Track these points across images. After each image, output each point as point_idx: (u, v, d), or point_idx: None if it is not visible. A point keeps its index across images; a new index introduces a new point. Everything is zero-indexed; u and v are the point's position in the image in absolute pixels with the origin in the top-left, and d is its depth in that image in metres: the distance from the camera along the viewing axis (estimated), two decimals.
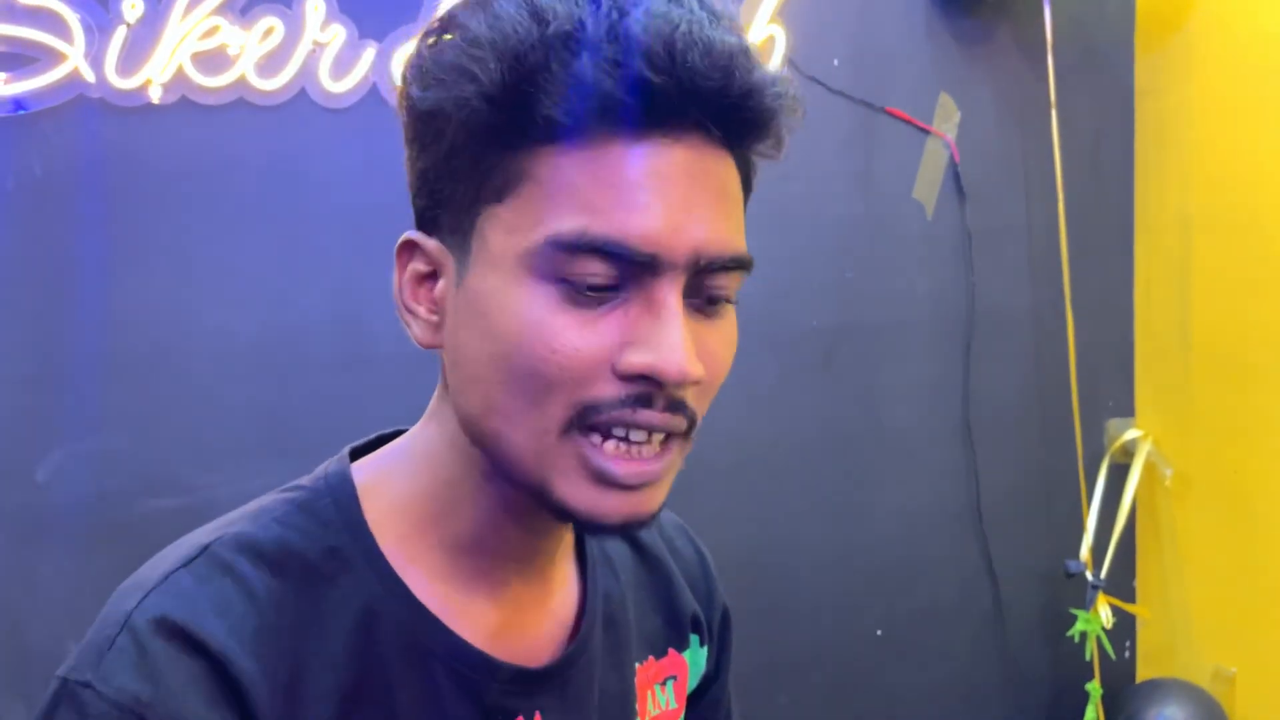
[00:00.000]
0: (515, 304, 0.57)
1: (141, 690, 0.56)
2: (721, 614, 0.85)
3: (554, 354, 0.56)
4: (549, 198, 0.56)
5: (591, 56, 0.54)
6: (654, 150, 0.56)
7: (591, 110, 0.55)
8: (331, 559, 0.63)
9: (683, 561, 0.83)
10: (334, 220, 1.74)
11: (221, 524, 0.64)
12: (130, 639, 0.57)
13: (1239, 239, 2.07)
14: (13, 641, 1.63)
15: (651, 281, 0.56)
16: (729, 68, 0.55)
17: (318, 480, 0.67)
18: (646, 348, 0.56)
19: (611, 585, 0.76)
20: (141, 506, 1.66)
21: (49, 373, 1.64)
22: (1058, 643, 2.19)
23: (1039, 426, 2.21)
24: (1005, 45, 2.12)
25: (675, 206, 0.56)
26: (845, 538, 2.11)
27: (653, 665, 0.78)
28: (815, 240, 2.05)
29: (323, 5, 1.69)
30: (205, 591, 0.60)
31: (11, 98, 1.59)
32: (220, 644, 0.58)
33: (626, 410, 0.56)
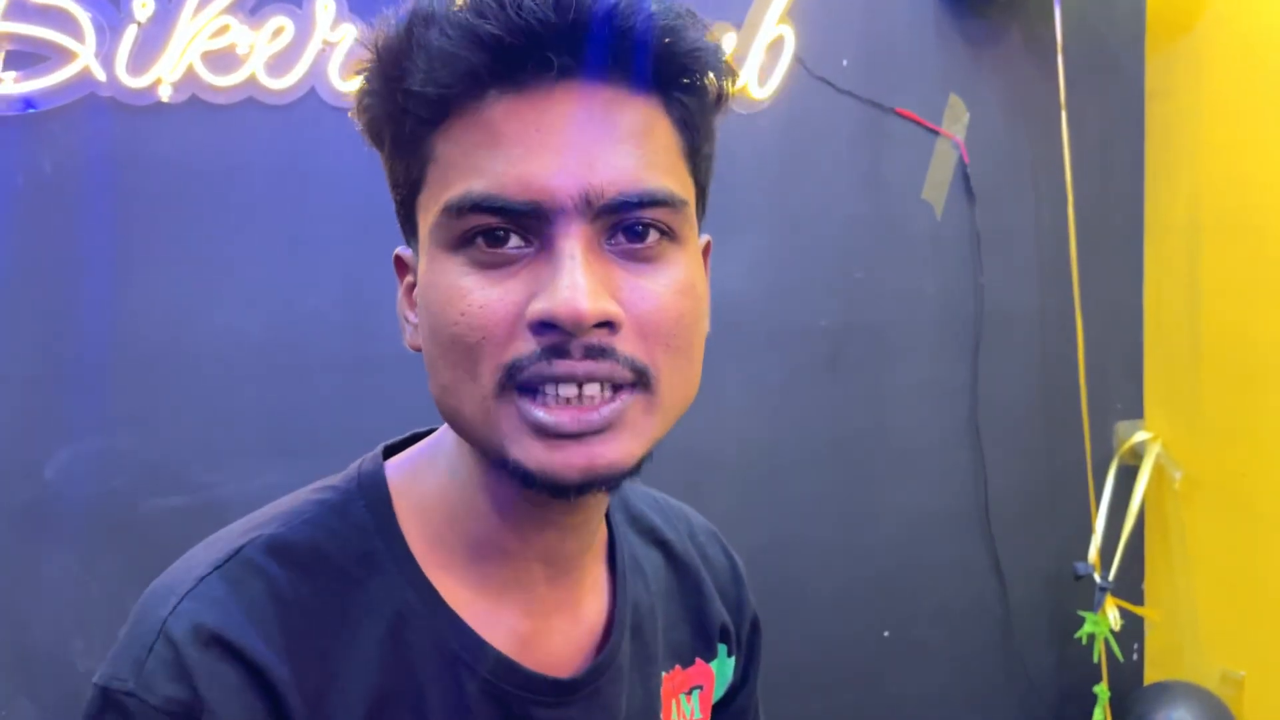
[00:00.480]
0: (433, 278, 0.59)
1: (188, 697, 0.57)
2: (751, 623, 0.85)
3: (463, 315, 0.56)
4: (446, 171, 0.58)
5: (439, 27, 0.56)
6: (527, 101, 0.56)
7: (450, 75, 0.56)
8: (363, 563, 0.63)
9: (714, 569, 0.83)
10: (342, 220, 1.73)
11: (253, 524, 0.64)
12: (168, 647, 0.58)
13: (1249, 242, 2.06)
14: (18, 639, 1.64)
15: (548, 231, 0.56)
16: (568, 4, 0.54)
17: (350, 480, 0.67)
18: (544, 295, 0.55)
19: (641, 594, 0.75)
20: (147, 505, 1.67)
21: (57, 371, 1.64)
22: (1065, 645, 2.18)
23: (1047, 428, 2.20)
24: (1015, 46, 2.11)
25: (557, 153, 0.55)
26: (852, 538, 2.10)
27: (679, 675, 0.77)
28: (824, 240, 2.04)
29: (333, 5, 1.69)
30: (238, 597, 0.60)
31: (21, 96, 1.59)
32: (255, 651, 0.59)
33: (543, 364, 0.56)
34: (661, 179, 0.58)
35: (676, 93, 0.60)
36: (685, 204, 0.59)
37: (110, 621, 1.63)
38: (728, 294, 1.94)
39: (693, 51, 0.58)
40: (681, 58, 0.58)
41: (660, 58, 0.58)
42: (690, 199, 0.61)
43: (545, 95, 0.56)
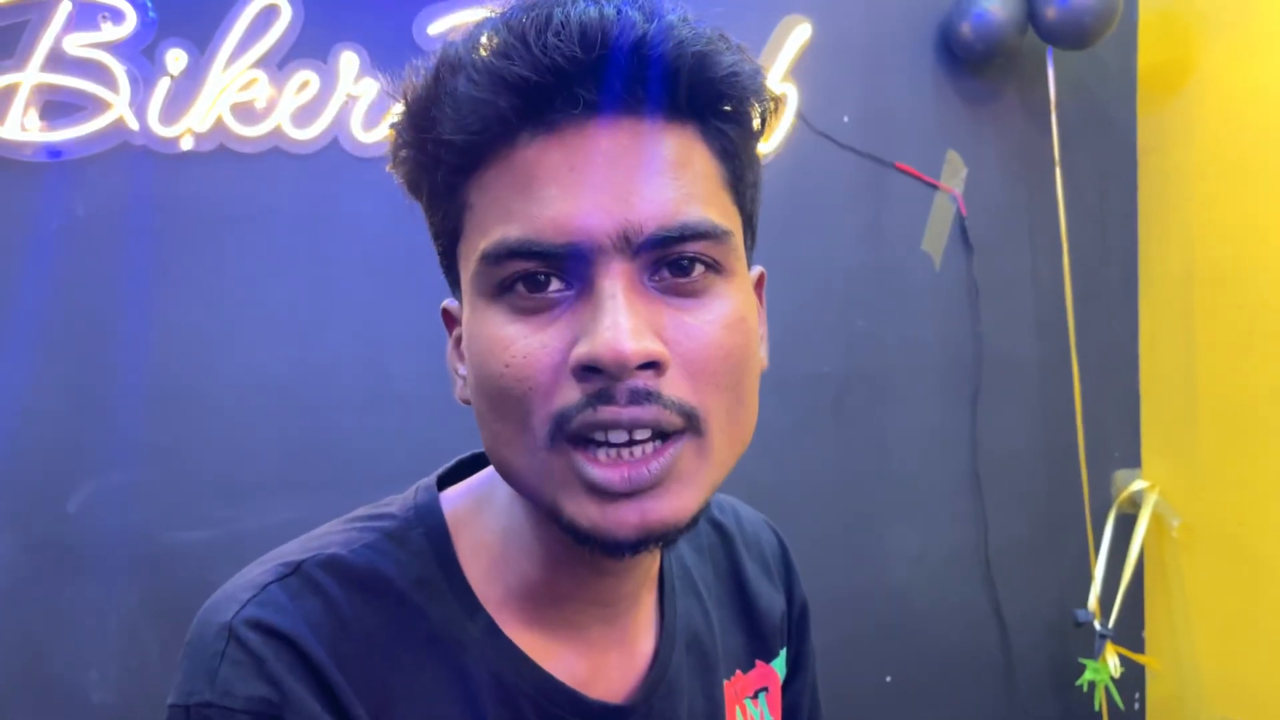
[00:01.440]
0: (477, 329, 0.57)
1: (270, 693, 0.56)
2: (800, 611, 0.84)
3: (508, 367, 0.54)
4: (482, 219, 0.56)
5: (465, 74, 0.54)
6: (559, 141, 0.54)
7: (479, 121, 0.54)
8: (422, 590, 0.62)
9: (760, 552, 0.82)
10: (362, 265, 1.77)
11: (311, 544, 0.63)
12: (239, 648, 0.57)
13: (1242, 292, 2.08)
14: (36, 669, 1.65)
15: (589, 273, 0.54)
16: (594, 39, 0.52)
17: (408, 509, 0.66)
18: (585, 338, 0.53)
19: (693, 606, 0.74)
20: (168, 539, 1.69)
21: (84, 406, 1.67)
22: (1067, 692, 2.18)
23: (1046, 475, 2.21)
24: (1011, 104, 2.15)
25: (592, 192, 0.53)
26: (854, 583, 2.10)
27: (740, 679, 0.76)
28: (826, 289, 2.07)
29: (356, 60, 1.75)
30: (298, 606, 0.59)
31: (46, 145, 1.64)
32: (317, 655, 0.58)
33: (589, 411, 0.53)
34: (702, 210, 0.55)
35: (714, 120, 0.57)
36: (729, 234, 0.57)
37: (127, 654, 1.66)
38: None
39: (727, 77, 0.56)
40: (716, 84, 0.56)
41: (693, 85, 0.55)
42: (735, 229, 0.58)
43: (577, 133, 0.54)
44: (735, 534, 0.81)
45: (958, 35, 2.03)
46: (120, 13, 1.64)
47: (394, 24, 1.77)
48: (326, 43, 1.75)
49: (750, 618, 0.78)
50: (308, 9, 1.73)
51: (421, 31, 1.77)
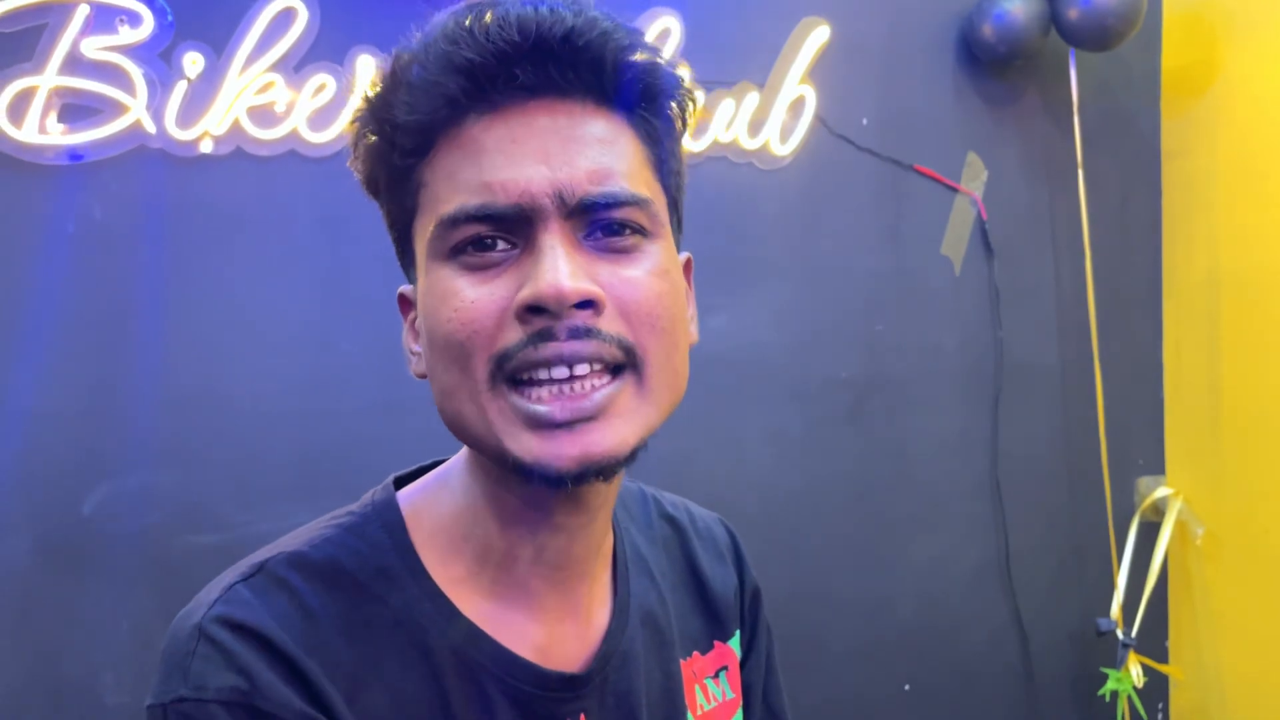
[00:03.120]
0: (430, 288, 0.63)
1: (240, 683, 0.60)
2: (752, 594, 0.88)
3: (455, 312, 0.61)
4: (437, 193, 0.62)
5: (419, 63, 0.61)
6: (502, 119, 0.61)
7: (431, 102, 0.61)
8: (381, 578, 0.66)
9: (713, 543, 0.87)
10: (376, 268, 1.75)
11: (274, 546, 0.68)
12: (209, 644, 0.61)
13: (1268, 298, 2.07)
14: (50, 671, 1.65)
15: (531, 231, 0.60)
16: (529, 29, 0.60)
17: (365, 506, 0.71)
18: (529, 283, 0.59)
19: (646, 587, 0.78)
20: (181, 542, 1.69)
21: (99, 409, 1.67)
22: (1089, 703, 2.17)
23: (1068, 483, 2.20)
24: (1032, 107, 2.15)
25: (532, 159, 0.60)
26: (873, 590, 2.10)
27: (699, 660, 0.80)
28: (845, 293, 2.07)
29: (373, 63, 1.74)
30: (264, 602, 0.63)
31: (67, 148, 1.64)
32: (285, 645, 0.62)
33: (530, 349, 0.59)
34: (626, 181, 0.62)
35: (639, 109, 0.64)
36: (651, 202, 0.63)
37: (140, 657, 1.66)
38: (751, 345, 1.98)
39: (647, 67, 0.64)
40: (637, 73, 0.63)
41: (616, 73, 0.62)
42: (657, 198, 0.65)
43: (519, 111, 0.61)
44: (688, 526, 0.86)
45: (979, 36, 2.03)
46: (138, 16, 1.64)
47: (408, 28, 1.75)
48: (343, 45, 1.74)
49: (706, 601, 0.83)
50: (324, 12, 1.73)
51: None
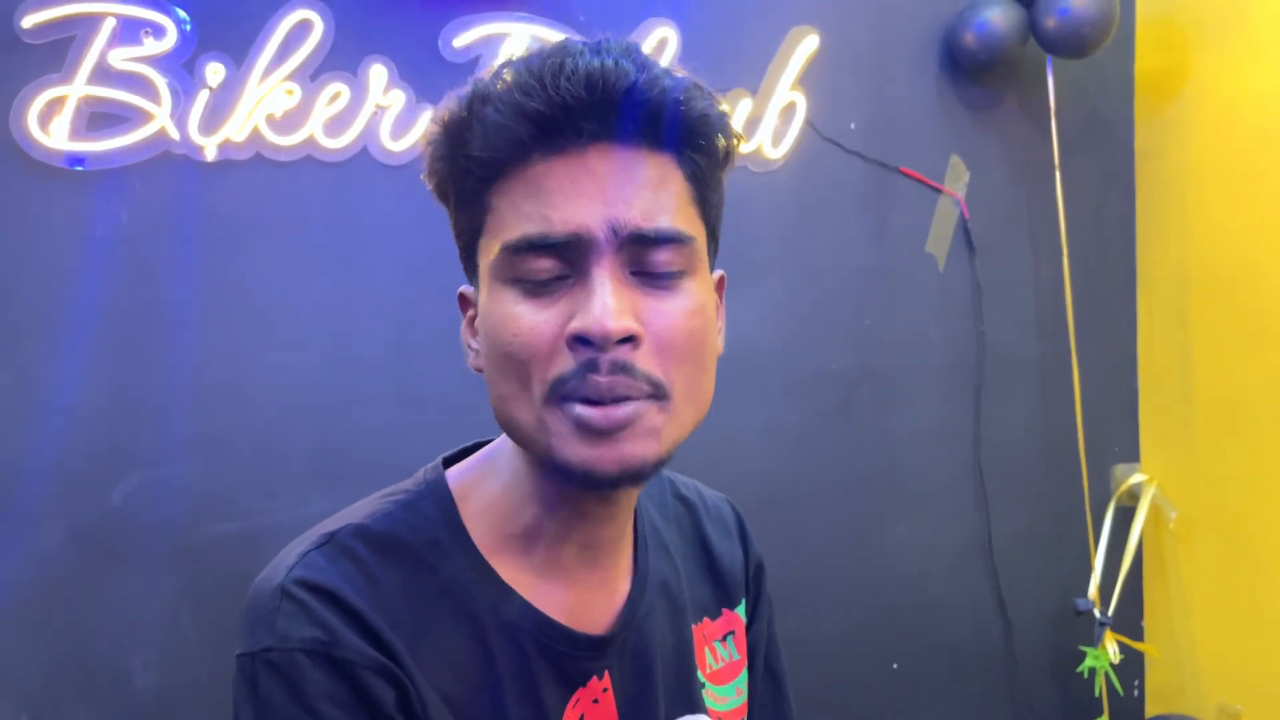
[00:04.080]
0: (492, 307, 0.70)
1: (320, 634, 0.68)
2: (756, 566, 0.96)
3: (516, 336, 0.68)
4: (502, 219, 0.69)
5: (493, 105, 0.68)
6: (565, 161, 0.67)
7: (502, 143, 0.68)
8: (433, 550, 0.74)
9: (721, 520, 0.95)
10: (390, 268, 1.83)
11: (340, 519, 0.75)
12: (291, 601, 0.69)
13: (1237, 293, 2.13)
14: (81, 652, 1.71)
15: (584, 263, 0.67)
16: (596, 84, 0.66)
17: (419, 484, 0.78)
18: (580, 314, 0.66)
19: (663, 561, 0.86)
20: (206, 530, 1.75)
21: (127, 404, 1.72)
22: (1068, 679, 2.23)
23: (1047, 470, 2.27)
24: (1012, 111, 2.21)
25: (589, 197, 0.67)
26: (862, 573, 2.16)
27: (708, 625, 0.88)
28: (835, 290, 2.13)
29: (385, 73, 1.80)
30: (335, 567, 0.71)
31: (91, 154, 1.70)
32: (356, 604, 0.69)
33: (578, 381, 0.66)
34: (673, 220, 0.69)
35: (687, 151, 0.70)
36: (694, 240, 0.70)
37: (167, 639, 1.73)
38: (746, 340, 2.02)
39: (700, 118, 0.69)
40: (691, 123, 0.69)
41: (670, 124, 0.68)
42: (699, 237, 0.72)
43: (579, 155, 0.67)
44: (699, 505, 0.94)
45: (961, 44, 2.10)
46: (162, 28, 1.70)
47: (421, 38, 1.82)
48: (357, 56, 1.80)
49: (715, 573, 0.91)
50: (339, 24, 1.78)
51: (448, 45, 1.83)
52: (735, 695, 0.90)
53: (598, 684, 0.77)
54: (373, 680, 0.68)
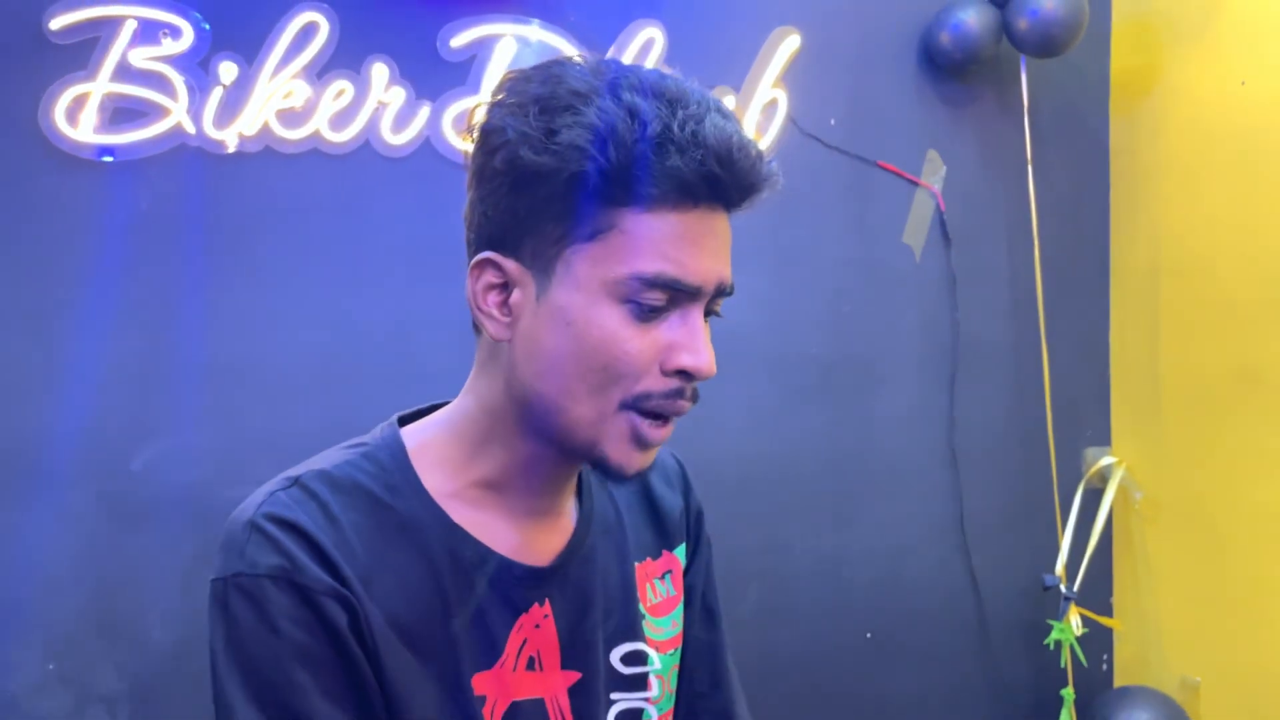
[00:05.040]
0: (598, 317, 0.76)
1: (283, 562, 0.75)
2: (696, 514, 1.04)
3: (624, 355, 0.76)
4: (634, 245, 0.75)
5: (678, 153, 0.73)
6: (705, 216, 0.76)
7: (673, 189, 0.75)
8: (389, 492, 0.82)
9: (664, 470, 1.02)
10: (391, 252, 1.91)
11: (304, 465, 0.83)
12: (259, 533, 0.76)
13: (1205, 283, 2.19)
14: (105, 610, 1.81)
15: (688, 304, 0.77)
16: (756, 166, 0.76)
17: (375, 438, 0.86)
18: (687, 352, 0.77)
19: (606, 504, 0.95)
20: (220, 495, 1.79)
21: (149, 378, 1.81)
22: (1038, 652, 2.30)
23: (1019, 451, 2.33)
24: (987, 108, 2.28)
25: (711, 254, 0.77)
26: (840, 548, 2.23)
27: (650, 564, 0.97)
28: (815, 278, 2.20)
29: (386, 71, 1.88)
30: (299, 505, 0.78)
31: (113, 147, 1.79)
32: (318, 538, 0.77)
33: (670, 400, 0.78)
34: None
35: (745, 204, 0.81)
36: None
37: (183, 595, 1.84)
38: (730, 325, 2.05)
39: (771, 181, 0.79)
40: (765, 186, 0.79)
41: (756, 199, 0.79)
42: None
43: (712, 212, 0.77)
44: None
45: (937, 44, 2.17)
46: (179, 29, 1.80)
47: (420, 38, 1.91)
48: (360, 55, 1.88)
49: (656, 517, 0.99)
50: (343, 25, 1.86)
51: (445, 45, 1.91)
52: (671, 627, 0.98)
53: (539, 610, 0.85)
54: (328, 604, 0.76)
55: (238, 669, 0.76)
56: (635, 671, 0.93)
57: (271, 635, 0.75)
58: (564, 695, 0.87)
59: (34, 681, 1.78)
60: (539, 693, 0.86)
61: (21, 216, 1.76)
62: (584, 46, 1.98)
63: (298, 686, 0.75)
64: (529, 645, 0.85)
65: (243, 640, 0.76)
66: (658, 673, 0.95)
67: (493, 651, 0.84)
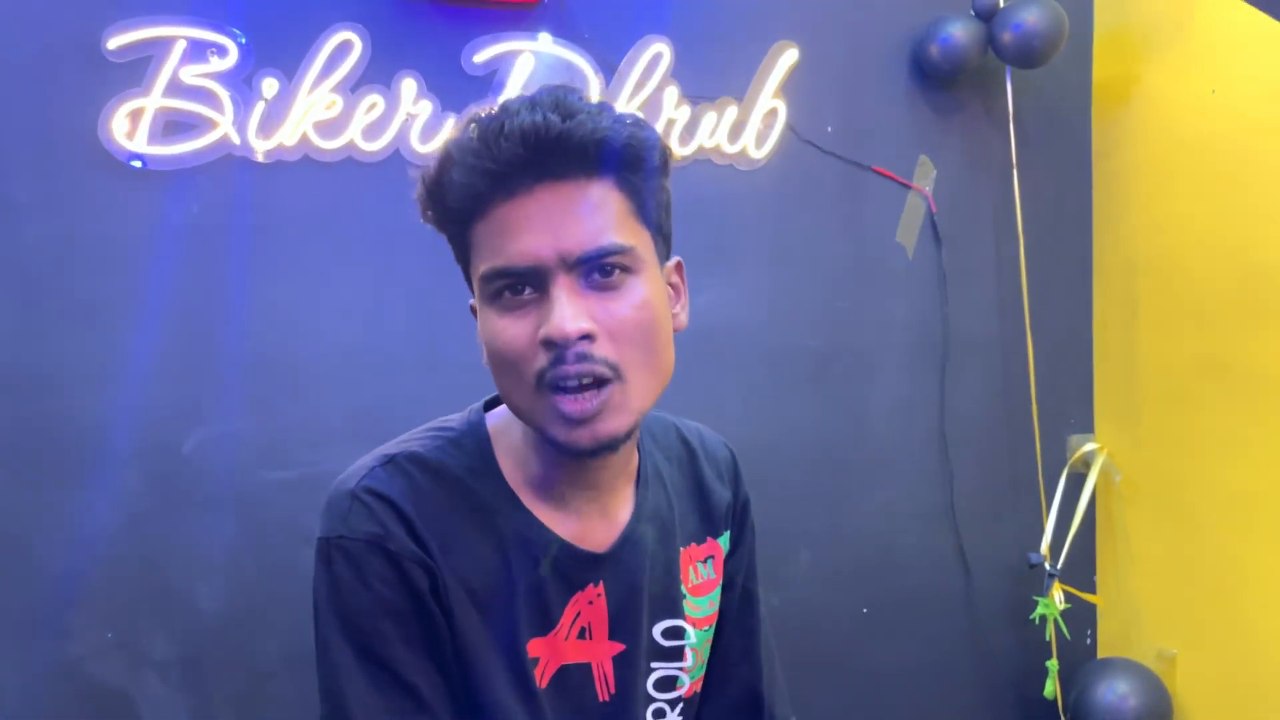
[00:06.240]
0: (484, 322, 0.84)
1: (378, 530, 0.85)
2: (743, 502, 1.11)
3: (504, 344, 0.82)
4: (479, 252, 0.83)
5: (457, 168, 0.81)
6: (517, 203, 0.80)
7: (467, 196, 0.81)
8: (471, 476, 0.90)
9: (717, 464, 1.09)
10: (419, 253, 1.97)
11: (399, 444, 0.91)
12: (359, 503, 0.86)
13: (1179, 281, 2.28)
14: (157, 582, 1.90)
15: (544, 283, 0.80)
16: (529, 138, 0.78)
17: (462, 423, 0.94)
18: (545, 324, 0.80)
19: (659, 495, 1.01)
20: (262, 477, 1.94)
21: (198, 368, 1.89)
22: (1024, 626, 2.40)
23: (1007, 438, 2.43)
24: (975, 115, 2.37)
25: (539, 231, 0.79)
26: (836, 529, 2.32)
27: (694, 549, 1.04)
28: (813, 275, 2.28)
29: (414, 85, 1.97)
30: (393, 481, 0.87)
31: (167, 156, 1.86)
32: (407, 511, 0.86)
33: (552, 370, 0.80)
34: (613, 235, 0.81)
35: (621, 173, 0.83)
36: (633, 247, 0.83)
37: (229, 570, 1.94)
38: (731, 319, 2.19)
39: (625, 145, 0.81)
40: (618, 151, 0.81)
41: (599, 156, 0.80)
42: (639, 242, 0.84)
43: (529, 194, 0.80)
44: (699, 449, 1.10)
45: (927, 56, 2.27)
46: (224, 48, 1.89)
47: (446, 55, 2.00)
48: (390, 70, 1.97)
49: (705, 507, 1.06)
50: (375, 43, 1.95)
51: (469, 60, 2.01)
52: (709, 606, 1.05)
53: (593, 589, 0.94)
54: (413, 569, 0.85)
55: (335, 614, 0.86)
56: (674, 644, 1.02)
57: (365, 590, 0.85)
58: (609, 662, 0.97)
59: (94, 648, 1.88)
60: (587, 658, 0.95)
61: (83, 220, 1.84)
62: (596, 61, 2.08)
63: (383, 634, 0.85)
64: (581, 618, 0.93)
65: (341, 592, 0.85)
66: (693, 646, 1.04)
67: (548, 621, 0.92)
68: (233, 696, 1.96)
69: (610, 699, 0.96)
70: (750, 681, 1.10)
